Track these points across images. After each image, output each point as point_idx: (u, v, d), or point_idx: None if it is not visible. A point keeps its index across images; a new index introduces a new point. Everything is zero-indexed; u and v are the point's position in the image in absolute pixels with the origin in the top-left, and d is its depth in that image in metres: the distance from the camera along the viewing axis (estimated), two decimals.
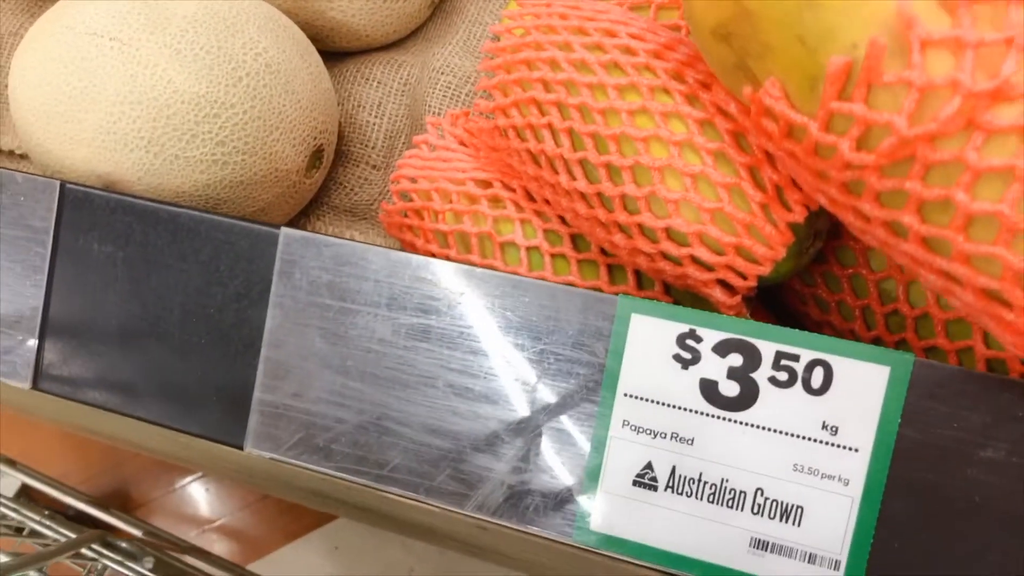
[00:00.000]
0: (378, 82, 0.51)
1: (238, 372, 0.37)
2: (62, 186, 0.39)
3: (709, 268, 0.33)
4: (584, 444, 0.33)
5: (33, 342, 0.40)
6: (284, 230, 0.36)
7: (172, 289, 0.38)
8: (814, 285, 0.37)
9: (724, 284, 0.34)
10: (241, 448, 0.37)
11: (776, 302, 0.41)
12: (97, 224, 0.39)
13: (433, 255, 0.44)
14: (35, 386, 0.40)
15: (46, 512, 0.61)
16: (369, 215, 0.50)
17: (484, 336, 0.34)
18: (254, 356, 0.36)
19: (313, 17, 0.48)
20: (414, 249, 0.45)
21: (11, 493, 1.11)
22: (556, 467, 0.33)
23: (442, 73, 0.49)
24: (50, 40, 0.41)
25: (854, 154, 0.26)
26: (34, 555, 0.35)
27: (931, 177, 0.25)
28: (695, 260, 0.33)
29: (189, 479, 1.23)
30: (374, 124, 0.50)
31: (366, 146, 0.50)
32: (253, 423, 0.37)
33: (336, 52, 0.52)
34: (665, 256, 0.34)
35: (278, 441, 0.36)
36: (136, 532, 0.98)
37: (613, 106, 0.34)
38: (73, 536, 0.53)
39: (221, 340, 0.37)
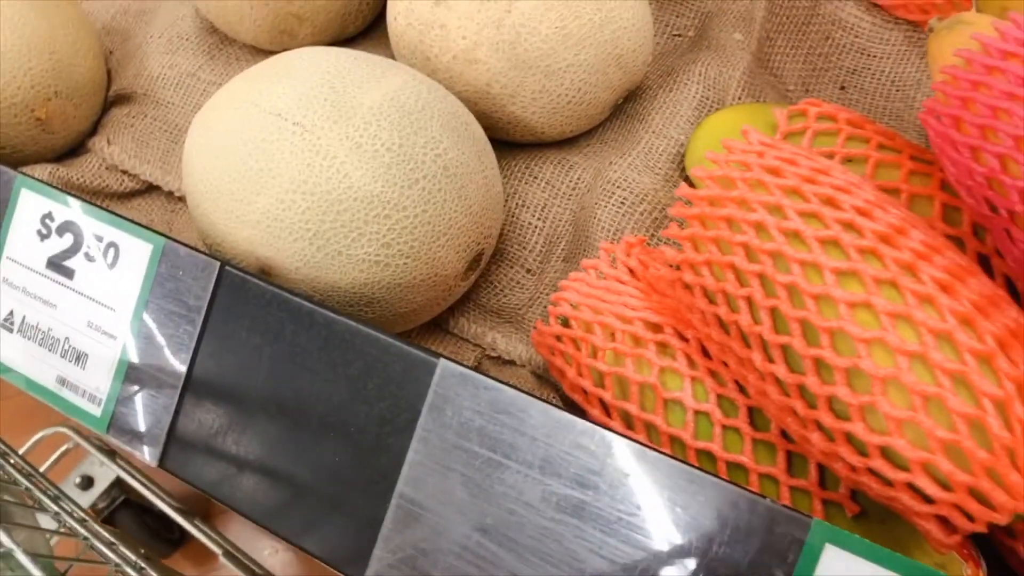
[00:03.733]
0: (546, 182, 0.48)
1: (369, 501, 0.34)
2: (221, 268, 0.38)
3: (928, 500, 0.29)
4: None
5: (167, 421, 0.39)
6: (443, 362, 0.33)
7: (315, 397, 0.36)
8: None
9: (943, 520, 0.29)
10: None
11: None
12: (251, 314, 0.37)
13: (584, 392, 0.40)
14: (161, 464, 0.39)
15: (141, 552, 0.60)
16: (515, 319, 0.48)
17: (646, 528, 0.30)
18: (389, 488, 0.34)
19: (492, 109, 0.46)
20: (562, 377, 0.42)
21: (106, 484, 1.13)
22: None
23: (618, 187, 0.46)
24: (234, 113, 0.40)
25: None
26: None
27: None
28: (913, 488, 0.29)
29: None
30: (535, 227, 0.48)
31: (523, 248, 0.48)
32: (375, 560, 0.34)
33: (507, 143, 0.50)
34: (873, 473, 0.30)
35: None
36: (217, 550, 0.98)
37: (830, 294, 0.30)
38: None
39: (357, 463, 0.35)
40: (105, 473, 1.14)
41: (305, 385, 0.36)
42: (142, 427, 0.39)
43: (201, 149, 0.41)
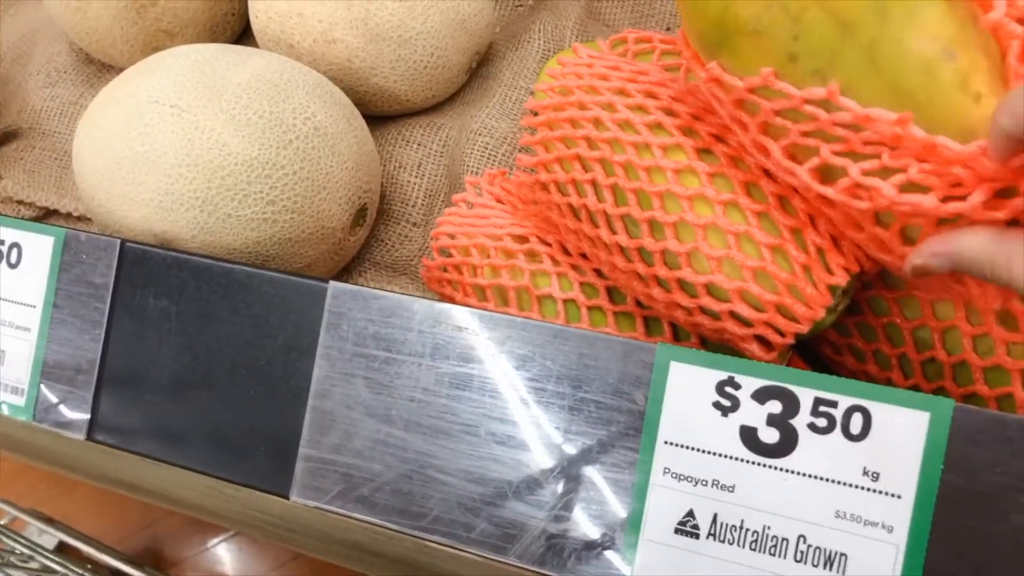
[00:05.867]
0: (418, 144, 0.53)
1: (285, 422, 0.38)
2: (122, 244, 0.41)
3: (748, 324, 0.34)
4: (625, 492, 0.33)
5: (89, 395, 0.41)
6: (332, 284, 0.37)
7: (223, 342, 0.39)
8: (849, 335, 0.38)
9: (761, 340, 0.35)
10: (287, 498, 0.38)
11: (812, 353, 0.41)
12: (154, 280, 0.40)
13: None
14: (89, 437, 0.42)
15: (88, 566, 0.61)
16: (408, 270, 0.52)
17: (524, 385, 0.34)
18: (301, 407, 0.38)
19: (357, 83, 0.51)
20: (453, 303, 0.46)
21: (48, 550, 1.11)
22: (598, 515, 0.33)
23: (479, 135, 0.51)
24: (115, 108, 0.44)
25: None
26: None
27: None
28: (734, 316, 0.34)
29: (221, 538, 1.23)
30: (414, 184, 0.52)
31: (406, 204, 0.52)
32: (299, 473, 0.37)
33: (379, 116, 0.54)
34: (704, 311, 0.35)
35: (323, 491, 0.37)
36: None
37: (659, 164, 0.36)
38: None
39: (270, 391, 0.38)
40: (46, 540, 1.12)
41: (213, 334, 0.39)
42: (66, 407, 0.42)
43: (89, 145, 0.44)
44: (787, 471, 0.31)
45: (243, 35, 0.62)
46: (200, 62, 0.44)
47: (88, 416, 0.41)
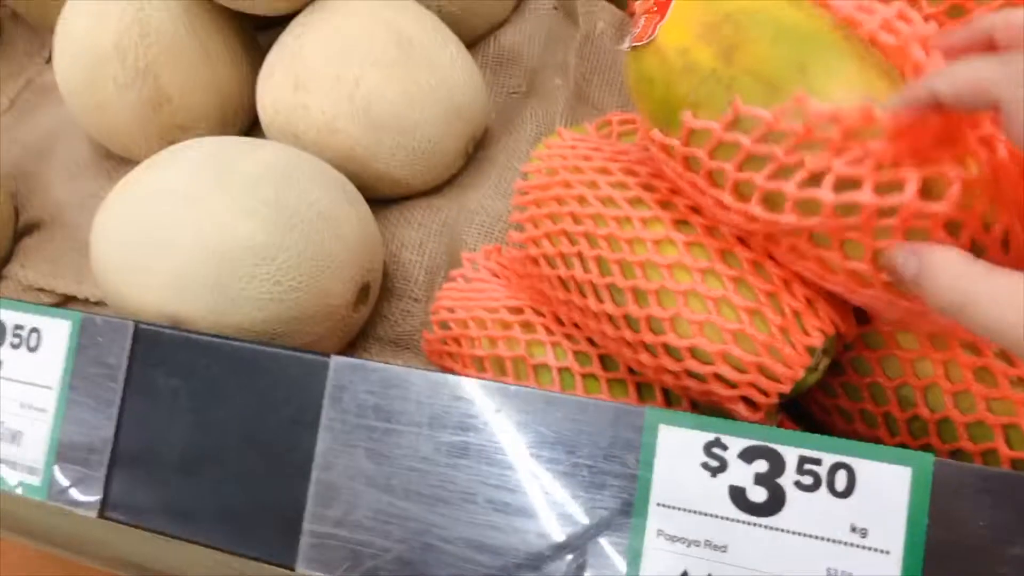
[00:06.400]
0: (419, 224, 0.56)
1: (290, 495, 0.39)
2: (136, 326, 0.43)
3: (732, 385, 0.35)
4: (621, 556, 0.34)
5: (102, 473, 0.43)
6: (334, 358, 0.39)
7: (231, 417, 0.41)
8: (835, 396, 0.39)
9: (747, 401, 0.36)
10: (292, 569, 0.39)
11: (803, 416, 0.42)
12: (165, 359, 0.42)
13: None
14: (101, 514, 0.43)
15: None
16: (411, 345, 0.53)
17: (520, 451, 0.36)
18: (305, 479, 0.39)
19: (360, 169, 0.54)
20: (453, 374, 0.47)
21: None
22: None
23: (476, 213, 0.53)
24: (131, 199, 0.46)
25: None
26: None
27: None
28: (719, 378, 0.35)
29: None
30: (416, 261, 0.55)
31: (408, 281, 0.54)
32: (304, 545, 0.38)
33: (382, 200, 0.57)
34: (690, 374, 0.36)
35: (328, 563, 0.38)
36: None
37: (639, 236, 0.38)
38: None
39: (275, 464, 0.39)
40: None
41: (222, 410, 0.41)
42: (79, 486, 0.43)
43: (106, 234, 0.46)
44: (777, 530, 0.31)
45: (252, 127, 0.65)
46: (211, 154, 0.47)
47: (100, 495, 0.43)
